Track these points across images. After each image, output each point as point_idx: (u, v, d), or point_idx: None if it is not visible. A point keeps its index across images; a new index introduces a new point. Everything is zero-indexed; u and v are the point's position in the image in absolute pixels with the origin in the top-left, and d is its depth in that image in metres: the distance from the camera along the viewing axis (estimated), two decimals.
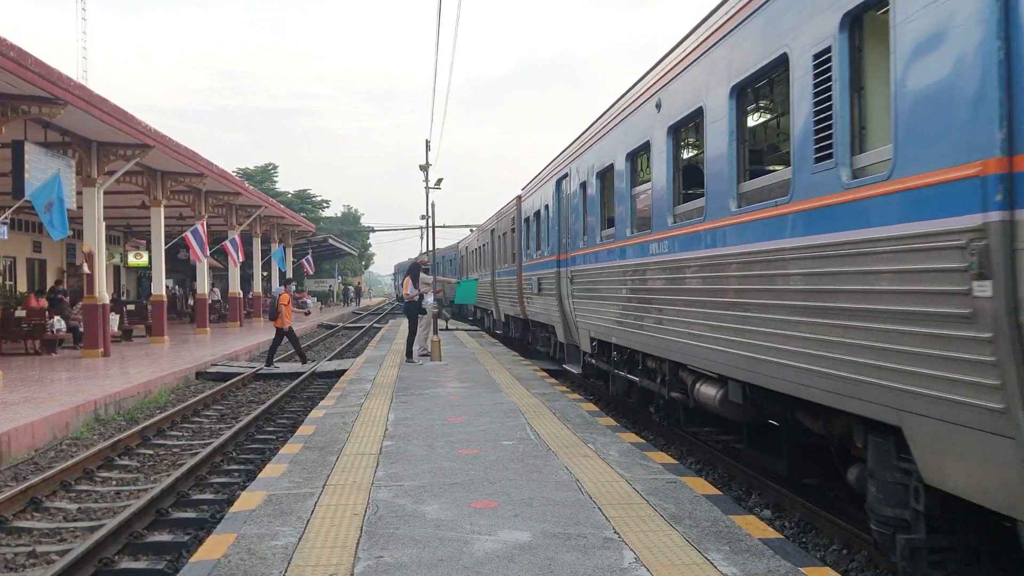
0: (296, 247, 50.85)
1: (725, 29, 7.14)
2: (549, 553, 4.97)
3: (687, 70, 8.11)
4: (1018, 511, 3.90)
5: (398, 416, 10.11)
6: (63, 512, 7.86)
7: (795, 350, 5.90)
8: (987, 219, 3.91)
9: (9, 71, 12.59)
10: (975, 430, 4.12)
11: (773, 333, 6.24)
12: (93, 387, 13.89)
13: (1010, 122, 3.81)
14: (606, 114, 11.53)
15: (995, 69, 3.89)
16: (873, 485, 5.27)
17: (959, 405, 4.22)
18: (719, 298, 7.28)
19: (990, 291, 3.91)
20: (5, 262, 28.30)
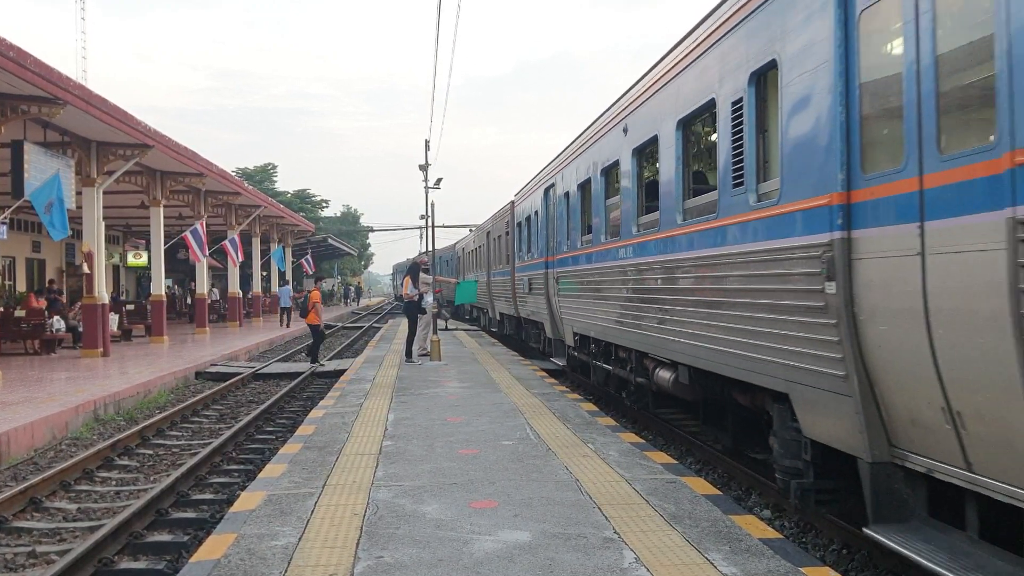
0: (295, 247, 50.86)
1: (673, 72, 8.54)
2: (549, 553, 4.97)
3: (646, 102, 9.55)
4: (857, 451, 5.35)
5: (398, 416, 10.11)
6: (63, 512, 7.86)
7: (722, 337, 7.29)
8: (832, 236, 5.35)
9: (8, 71, 12.59)
10: (830, 392, 5.53)
11: (707, 324, 7.63)
12: (92, 387, 13.88)
13: (848, 166, 5.29)
14: (586, 132, 12.88)
15: (839, 128, 5.36)
16: (776, 443, 6.61)
17: (820, 374, 5.62)
18: (670, 296, 8.70)
19: (835, 289, 5.33)
20: (4, 262, 28.30)
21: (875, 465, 5.22)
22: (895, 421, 5.10)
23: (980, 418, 4.31)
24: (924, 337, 4.58)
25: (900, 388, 4.95)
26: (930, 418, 4.71)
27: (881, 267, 5.00)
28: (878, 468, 5.21)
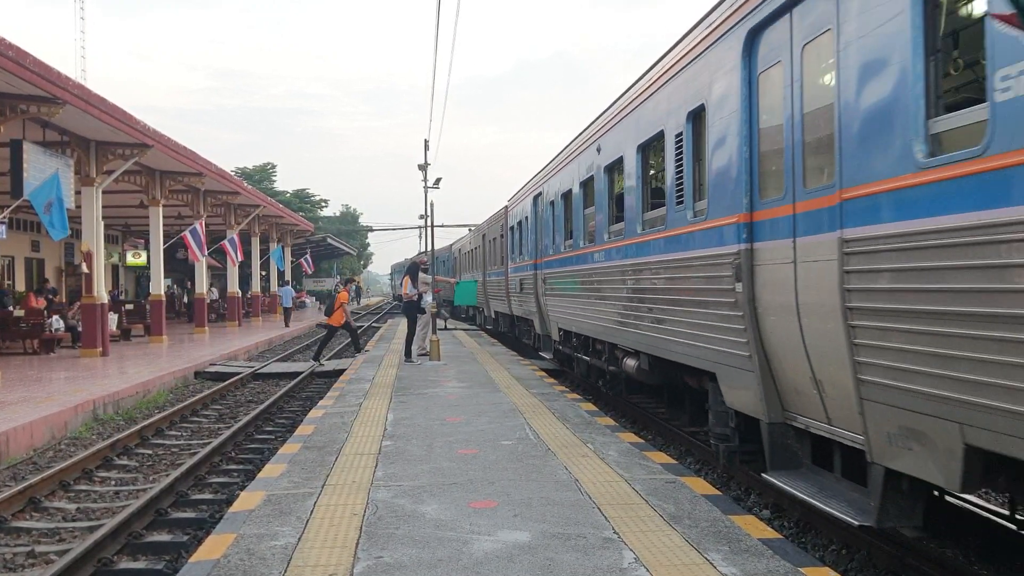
0: (295, 246, 50.86)
1: (634, 104, 10.07)
2: (549, 553, 4.97)
3: (614, 127, 11.02)
4: (759, 414, 6.76)
5: (397, 416, 10.11)
6: (62, 512, 7.85)
7: (671, 328, 8.72)
8: (739, 247, 6.79)
9: (8, 70, 12.58)
10: (740, 370, 6.97)
11: (660, 318, 9.04)
12: (92, 387, 13.88)
13: (751, 193, 6.74)
14: (568, 147, 14.35)
15: (744, 163, 6.81)
16: (711, 414, 7.94)
17: (734, 356, 7.05)
18: (632, 294, 10.09)
19: (741, 289, 6.78)
20: (4, 261, 28.29)
21: (771, 425, 6.61)
22: (784, 390, 6.54)
23: (831, 384, 5.70)
24: (797, 325, 6.02)
25: (785, 364, 6.40)
26: (805, 387, 6.14)
27: (771, 272, 6.44)
28: (774, 427, 6.60)
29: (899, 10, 4.72)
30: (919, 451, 4.78)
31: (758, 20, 6.52)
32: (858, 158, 5.17)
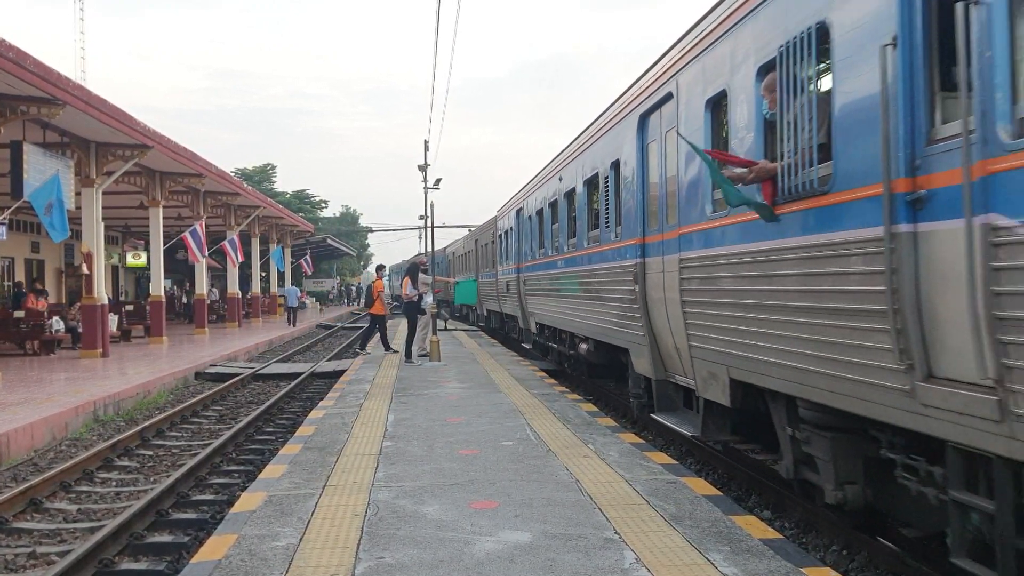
0: (295, 247, 50.86)
1: (584, 146, 12.93)
2: (550, 554, 4.98)
3: (570, 164, 13.97)
4: (650, 375, 9.41)
5: (398, 417, 10.12)
6: (63, 513, 7.86)
7: (603, 318, 11.47)
8: (637, 261, 9.52)
9: (8, 71, 12.58)
10: (640, 345, 9.62)
11: (598, 310, 11.77)
12: (92, 388, 13.88)
13: (643, 224, 9.35)
14: (541, 172, 17.28)
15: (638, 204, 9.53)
16: (630, 380, 10.66)
17: (636, 335, 9.70)
18: (583, 293, 12.78)
19: (638, 289, 9.51)
20: (4, 262, 28.29)
21: (657, 382, 9.40)
22: (664, 357, 9.24)
23: (682, 350, 8.31)
24: (665, 313, 8.73)
25: (662, 339, 9.10)
26: (672, 353, 8.83)
27: (653, 277, 9.19)
28: (659, 383, 9.38)
29: (698, 124, 7.69)
30: (714, 385, 7.51)
31: (644, 109, 9.43)
32: (687, 209, 7.97)
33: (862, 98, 5.00)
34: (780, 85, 5.93)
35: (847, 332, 5.17)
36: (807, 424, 6.13)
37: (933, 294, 4.47)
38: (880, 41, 4.72)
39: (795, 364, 5.88)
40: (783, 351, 6.04)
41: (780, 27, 6.00)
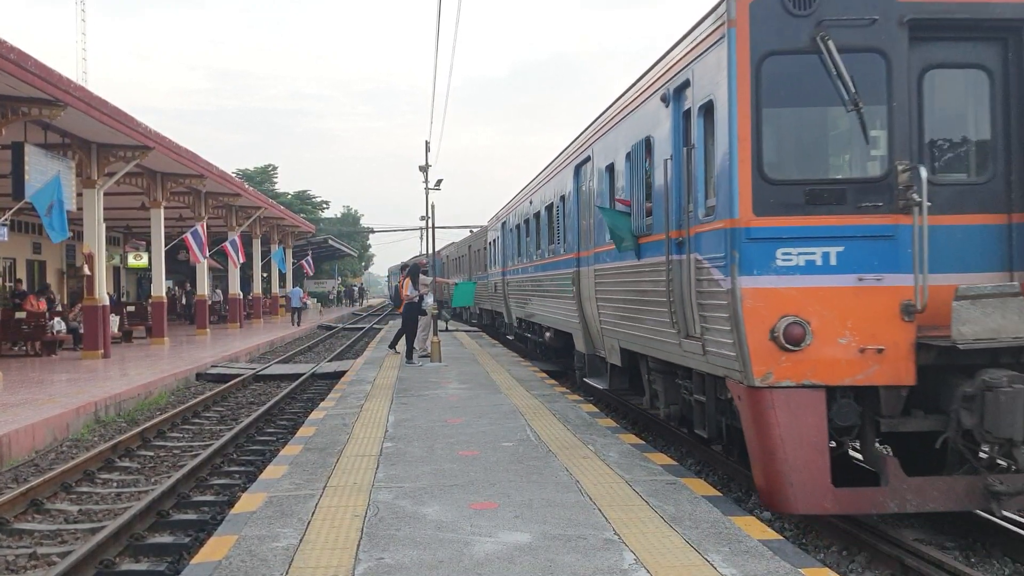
0: (296, 248, 50.86)
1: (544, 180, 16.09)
2: (549, 554, 4.99)
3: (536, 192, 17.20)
4: (584, 350, 12.80)
5: (398, 417, 10.13)
6: (64, 514, 7.87)
7: (558, 311, 14.48)
8: (574, 269, 12.67)
9: (9, 73, 12.60)
10: (578, 329, 12.81)
11: (554, 305, 14.88)
12: (93, 388, 13.90)
13: (579, 244, 12.48)
14: (519, 193, 20.15)
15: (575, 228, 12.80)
16: (575, 357, 13.98)
17: (574, 323, 12.92)
18: (545, 292, 15.97)
19: (575, 289, 12.65)
20: (5, 263, 28.31)
21: (588, 355, 12.73)
22: (592, 337, 12.19)
23: (598, 331, 11.31)
24: (590, 306, 11.69)
25: (589, 324, 12.12)
26: (596, 334, 11.69)
27: (583, 281, 12.14)
28: (589, 356, 12.68)
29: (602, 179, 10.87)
30: (614, 353, 10.75)
31: (577, 162, 12.68)
32: (598, 235, 11.11)
33: (660, 185, 8.27)
34: (633, 167, 9.32)
35: (658, 315, 8.42)
36: (653, 371, 9.50)
37: (682, 292, 7.68)
38: (664, 157, 8.17)
39: (644, 335, 9.16)
40: (639, 327, 9.34)
41: (633, 133, 9.38)
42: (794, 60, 6.33)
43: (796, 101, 6.52)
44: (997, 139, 6.53)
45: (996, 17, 6.35)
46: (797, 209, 6.36)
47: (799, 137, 6.78)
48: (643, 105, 8.94)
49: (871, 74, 6.30)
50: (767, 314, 6.27)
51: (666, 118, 8.04)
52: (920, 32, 6.35)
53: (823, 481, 6.14)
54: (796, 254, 6.33)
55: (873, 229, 6.31)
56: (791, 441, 6.19)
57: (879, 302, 6.25)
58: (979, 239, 6.48)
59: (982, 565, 6.41)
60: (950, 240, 6.40)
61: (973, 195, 6.52)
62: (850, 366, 6.23)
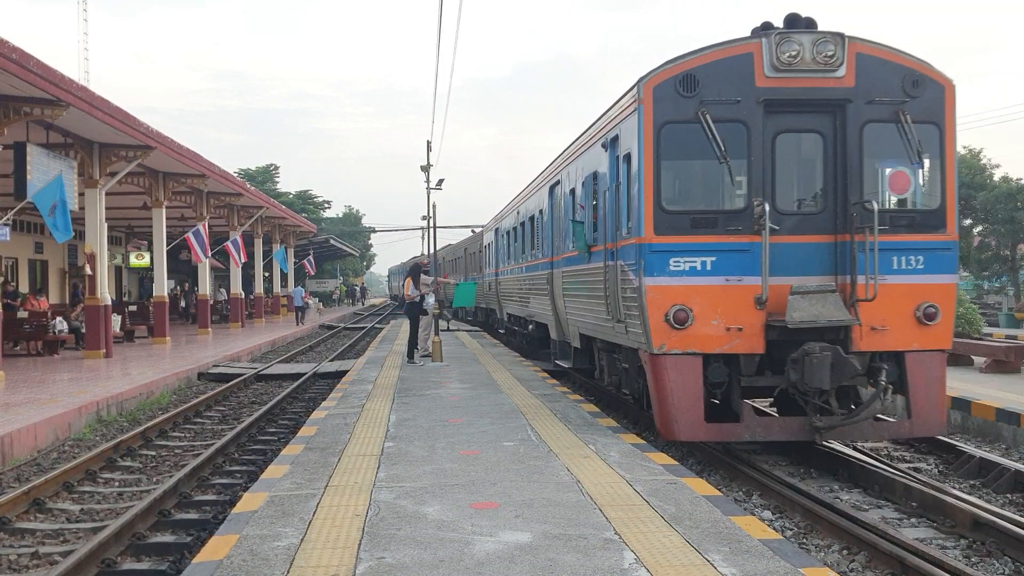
0: (297, 248, 50.88)
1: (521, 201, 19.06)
2: (550, 554, 5.00)
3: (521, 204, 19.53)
4: (556, 338, 15.24)
5: (399, 417, 10.14)
6: (66, 513, 7.89)
7: (536, 306, 16.94)
8: (549, 271, 14.85)
9: (11, 73, 12.62)
10: (552, 321, 15.02)
11: (533, 303, 17.29)
12: (95, 388, 13.92)
13: (552, 251, 14.64)
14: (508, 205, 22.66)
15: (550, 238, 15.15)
16: (551, 344, 16.14)
17: (549, 315, 15.15)
18: (527, 291, 18.05)
19: (549, 287, 14.85)
20: (7, 263, 28.33)
21: (559, 341, 14.82)
22: (561, 326, 14.12)
23: (566, 321, 13.64)
24: (559, 301, 13.86)
25: (560, 317, 14.10)
26: (564, 324, 13.84)
27: (556, 281, 14.02)
28: (561, 342, 14.76)
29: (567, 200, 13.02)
30: (575, 338, 12.94)
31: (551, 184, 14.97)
32: (564, 244, 13.49)
33: (602, 208, 10.71)
34: (587, 192, 11.88)
35: (601, 306, 10.70)
36: (600, 350, 11.89)
37: (615, 288, 9.87)
38: (604, 188, 10.54)
39: (594, 322, 11.48)
40: (591, 316, 11.61)
41: (587, 167, 11.84)
42: (683, 127, 8.72)
43: (684, 156, 8.98)
44: (828, 183, 8.90)
45: (826, 98, 8.75)
46: (684, 230, 8.70)
47: (686, 181, 9.35)
48: (592, 148, 11.34)
49: (736, 138, 8.66)
50: (663, 303, 8.65)
51: (605, 160, 10.47)
52: (772, 107, 8.72)
53: (699, 419, 8.53)
54: (683, 262, 8.69)
55: (736, 245, 8.66)
56: (677, 391, 8.54)
57: (739, 296, 8.61)
58: (813, 253, 8.80)
59: (982, 565, 6.42)
60: (792, 253, 8.73)
61: (809, 222, 8.90)
62: (719, 340, 8.62)
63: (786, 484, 8.26)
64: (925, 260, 8.78)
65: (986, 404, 11.45)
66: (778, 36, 8.61)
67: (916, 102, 8.79)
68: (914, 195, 9.11)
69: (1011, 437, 10.72)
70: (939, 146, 8.88)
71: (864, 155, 8.77)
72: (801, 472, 9.28)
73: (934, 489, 7.90)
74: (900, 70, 8.82)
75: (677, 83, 8.70)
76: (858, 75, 8.71)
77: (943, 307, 8.72)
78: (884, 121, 8.78)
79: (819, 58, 8.62)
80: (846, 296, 8.58)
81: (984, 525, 6.88)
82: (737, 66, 8.72)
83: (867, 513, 7.54)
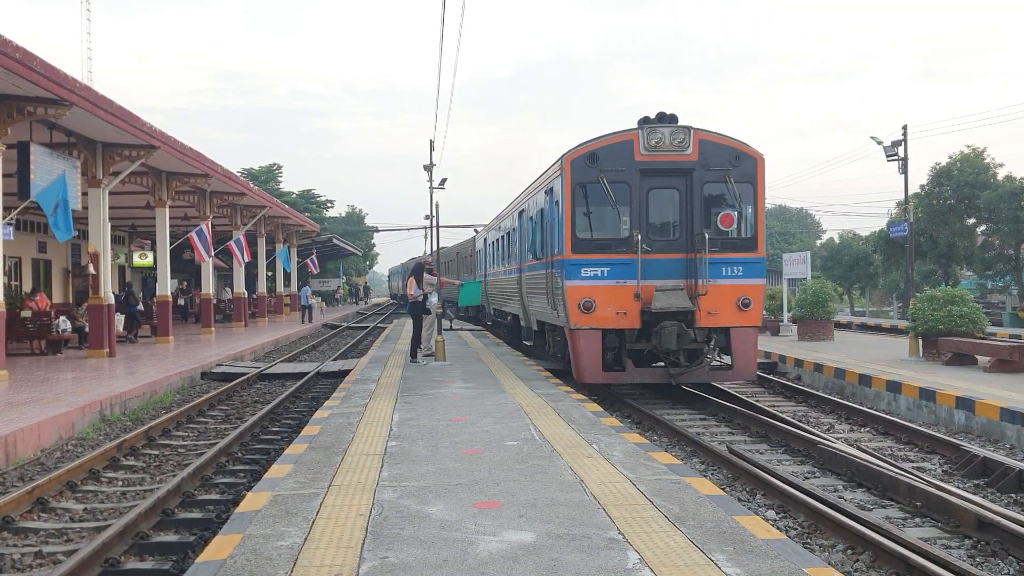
0: (300, 247, 50.92)
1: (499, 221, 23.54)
2: (553, 554, 4.99)
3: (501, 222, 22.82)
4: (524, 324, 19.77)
5: (402, 417, 10.13)
6: (69, 512, 7.89)
7: (511, 300, 20.96)
8: (519, 275, 18.98)
9: (15, 72, 12.63)
10: (521, 312, 19.47)
11: (509, 300, 21.41)
12: (99, 387, 13.94)
13: (520, 260, 18.79)
14: (494, 219, 26.04)
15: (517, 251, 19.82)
16: (522, 331, 20.56)
17: (520, 308, 19.49)
18: (508, 291, 21.42)
19: (519, 287, 19.04)
20: (10, 263, 28.36)
21: (526, 328, 19.50)
22: (527, 316, 18.59)
23: (529, 312, 18.09)
24: (525, 297, 18.03)
25: (526, 308, 18.31)
26: (528, 314, 18.36)
27: (525, 282, 17.88)
28: (526, 328, 19.37)
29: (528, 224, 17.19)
30: (533, 323, 17.87)
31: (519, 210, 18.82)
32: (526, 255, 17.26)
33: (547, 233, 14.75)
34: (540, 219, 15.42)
35: (545, 299, 14.72)
36: (547, 331, 16.11)
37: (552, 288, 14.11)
38: (548, 221, 14.59)
39: (543, 311, 15.37)
40: (541, 307, 15.48)
41: (538, 202, 15.76)
42: (590, 186, 13.06)
43: (590, 204, 13.17)
44: (681, 221, 13.26)
45: (680, 167, 13.11)
46: (590, 251, 13.08)
47: (591, 220, 13.25)
48: (540, 192, 15.75)
49: (622, 193, 13.07)
50: (577, 297, 12.98)
51: (547, 201, 14.85)
52: (646, 173, 13.12)
53: (598, 369, 12.98)
54: (589, 271, 13.05)
55: (622, 260, 13.03)
56: (584, 352, 12.94)
57: (624, 292, 12.95)
58: (670, 265, 13.09)
59: (987, 565, 6.40)
60: (658, 265, 13.03)
61: (668, 246, 13.23)
62: (612, 320, 12.99)
63: (790, 483, 8.25)
64: (743, 270, 13.17)
65: (990, 404, 11.44)
66: (648, 129, 13.08)
67: (737, 169, 13.17)
68: (736, 229, 13.23)
69: (1015, 437, 10.71)
70: (753, 197, 13.33)
71: (704, 204, 13.19)
72: (804, 472, 9.27)
73: (938, 489, 7.89)
74: (728, 149, 13.19)
75: (585, 158, 13.11)
76: (700, 153, 13.08)
77: (755, 300, 13.15)
78: (717, 182, 13.20)
79: (674, 143, 13.05)
80: (691, 292, 12.91)
81: (989, 525, 6.86)
82: (623, 147, 13.08)
83: (871, 513, 7.53)
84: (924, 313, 17.30)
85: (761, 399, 14.72)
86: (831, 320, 24.26)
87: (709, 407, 13.55)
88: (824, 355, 18.61)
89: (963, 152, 40.46)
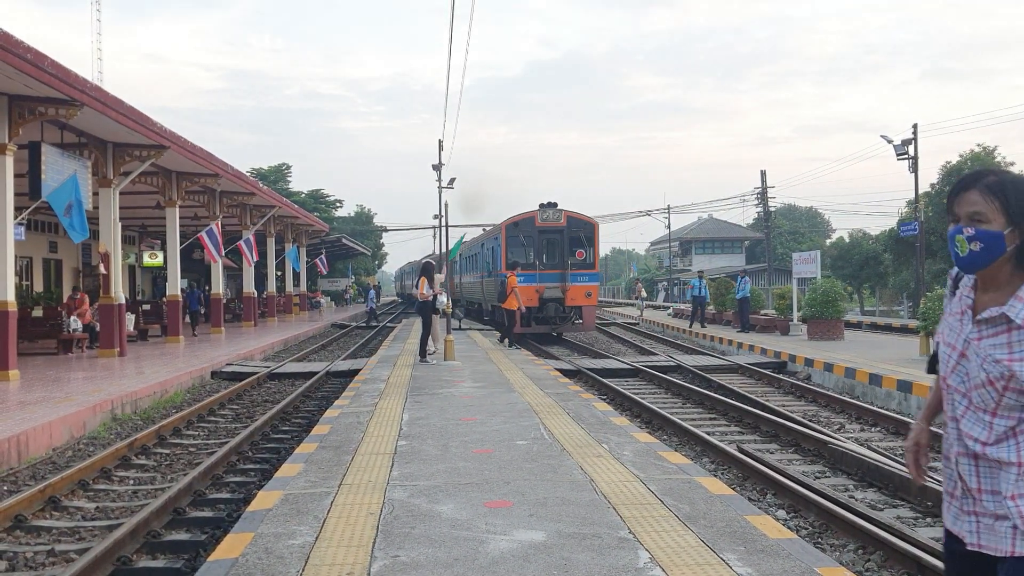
0: (309, 247, 51.04)
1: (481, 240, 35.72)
2: (564, 553, 4.99)
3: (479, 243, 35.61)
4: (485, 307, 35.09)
5: (412, 416, 10.15)
6: (81, 511, 7.93)
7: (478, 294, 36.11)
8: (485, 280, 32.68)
9: (26, 73, 12.70)
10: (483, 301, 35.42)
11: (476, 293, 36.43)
12: (110, 387, 14.00)
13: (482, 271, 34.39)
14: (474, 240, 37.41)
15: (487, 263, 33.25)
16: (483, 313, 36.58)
17: (481, 299, 34.95)
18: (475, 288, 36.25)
19: (482, 286, 33.82)
20: (22, 263, 28.53)
21: (484, 310, 35.30)
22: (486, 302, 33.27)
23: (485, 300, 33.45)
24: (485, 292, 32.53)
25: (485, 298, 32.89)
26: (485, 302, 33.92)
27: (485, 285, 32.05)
28: (484, 310, 35.21)
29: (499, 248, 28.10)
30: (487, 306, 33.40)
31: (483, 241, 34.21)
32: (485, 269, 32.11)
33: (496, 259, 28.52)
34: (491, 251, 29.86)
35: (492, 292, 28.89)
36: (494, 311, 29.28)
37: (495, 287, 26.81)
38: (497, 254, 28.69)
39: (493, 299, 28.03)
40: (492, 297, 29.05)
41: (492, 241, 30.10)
42: (514, 238, 27.08)
43: (515, 246, 26.96)
44: (559, 256, 26.81)
45: (558, 229, 26.95)
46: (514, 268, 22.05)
47: (517, 256, 26.13)
48: (491, 238, 29.63)
49: (531, 242, 26.98)
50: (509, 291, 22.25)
51: (496, 243, 27.78)
52: (542, 233, 27.05)
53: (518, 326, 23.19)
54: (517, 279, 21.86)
55: (530, 273, 25.58)
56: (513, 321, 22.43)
57: (531, 289, 25.10)
58: (555, 276, 26.47)
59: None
60: (548, 276, 26.36)
61: (552, 266, 26.65)
62: (526, 303, 23.12)
63: (800, 483, 8.23)
64: (588, 278, 26.62)
65: None
66: (542, 209, 27.01)
67: (584, 229, 27.01)
68: (584, 260, 26.64)
69: None
70: (593, 244, 27.04)
71: (569, 246, 26.55)
72: (815, 471, 9.25)
73: None
74: (581, 220, 27.38)
75: (512, 224, 27.01)
76: (567, 222, 26.94)
77: (593, 293, 26.94)
78: (575, 236, 26.79)
79: (553, 217, 26.84)
80: (563, 289, 26.07)
81: None
82: (530, 219, 26.92)
83: (882, 512, 7.50)
84: (934, 312, 17.21)
85: (771, 399, 14.67)
86: (841, 320, 24.48)
87: (719, 407, 13.52)
88: (834, 354, 18.57)
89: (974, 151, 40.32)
